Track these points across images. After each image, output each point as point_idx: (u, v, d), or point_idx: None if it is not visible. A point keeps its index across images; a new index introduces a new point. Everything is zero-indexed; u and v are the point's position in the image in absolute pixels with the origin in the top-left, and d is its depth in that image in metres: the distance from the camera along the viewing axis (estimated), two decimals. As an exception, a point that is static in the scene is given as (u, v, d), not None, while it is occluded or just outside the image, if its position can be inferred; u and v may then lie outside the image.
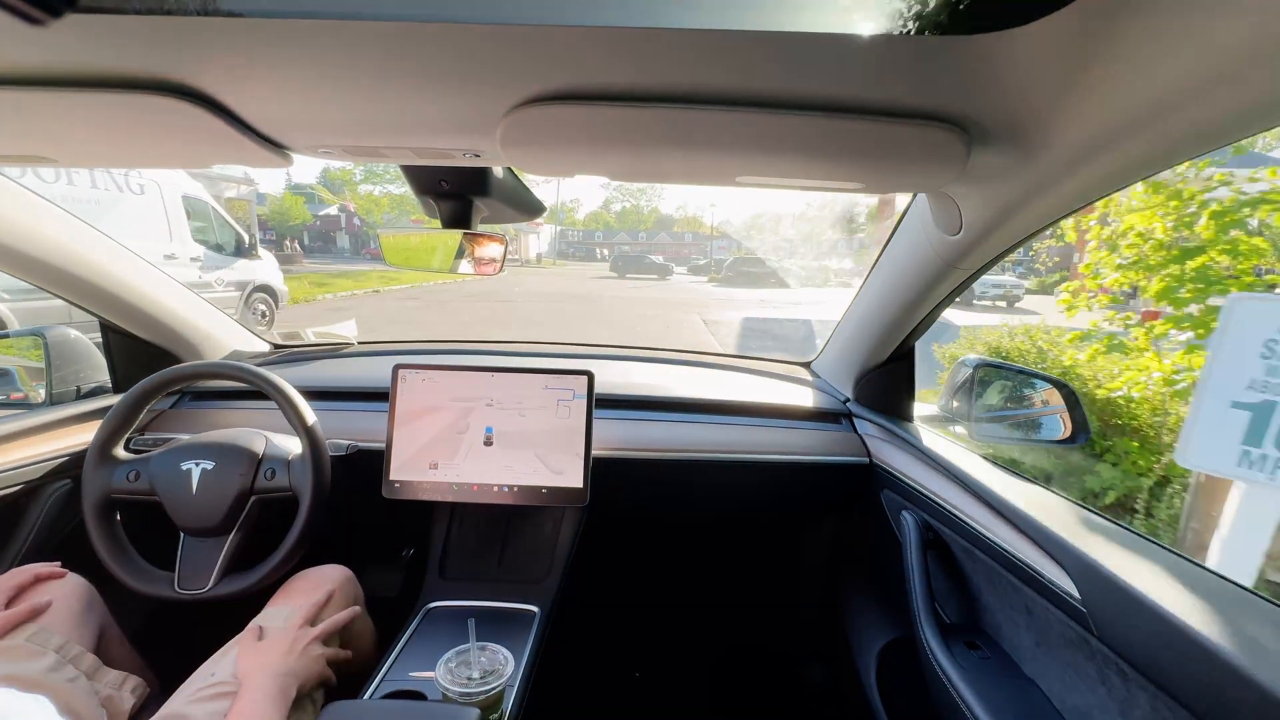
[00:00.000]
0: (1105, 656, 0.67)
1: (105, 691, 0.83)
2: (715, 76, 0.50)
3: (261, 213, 27.84)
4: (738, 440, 1.27)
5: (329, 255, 31.82)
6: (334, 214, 35.37)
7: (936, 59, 0.47)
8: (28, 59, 0.53)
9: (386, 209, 32.09)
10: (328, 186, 39.49)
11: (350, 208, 30.74)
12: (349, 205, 29.93)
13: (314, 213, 32.92)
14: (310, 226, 32.88)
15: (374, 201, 30.95)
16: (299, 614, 0.88)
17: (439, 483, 1.11)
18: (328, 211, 34.81)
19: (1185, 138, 0.51)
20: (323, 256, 30.02)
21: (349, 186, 30.13)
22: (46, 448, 1.11)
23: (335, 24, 0.44)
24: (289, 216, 28.52)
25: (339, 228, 36.62)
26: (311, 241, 32.72)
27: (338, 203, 34.72)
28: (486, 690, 0.82)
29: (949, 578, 1.02)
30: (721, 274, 25.21)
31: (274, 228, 28.57)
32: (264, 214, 27.89)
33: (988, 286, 15.19)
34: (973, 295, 14.26)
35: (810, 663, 1.56)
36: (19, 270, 1.06)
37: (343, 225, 35.93)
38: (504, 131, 0.59)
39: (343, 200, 34.38)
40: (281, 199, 28.81)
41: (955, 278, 0.93)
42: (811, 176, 0.70)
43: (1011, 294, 15.50)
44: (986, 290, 15.20)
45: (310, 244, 31.96)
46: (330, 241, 36.22)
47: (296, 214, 28.75)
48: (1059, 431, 1.06)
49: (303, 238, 28.71)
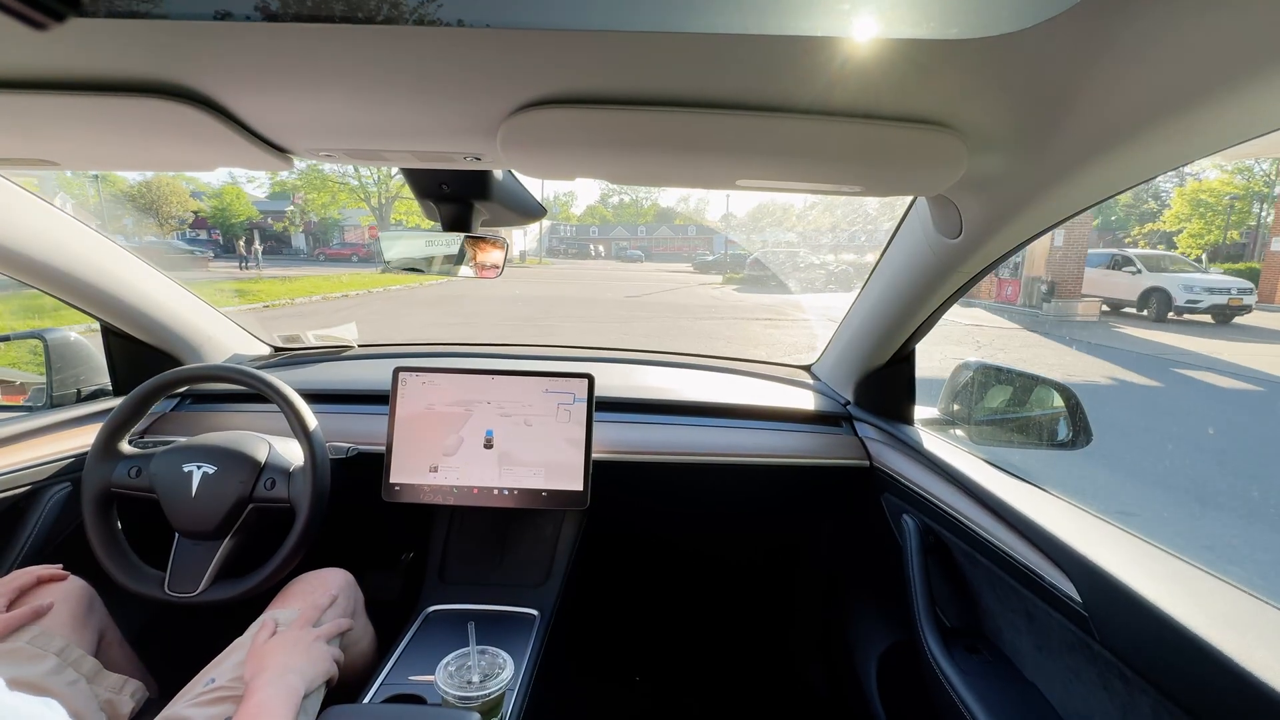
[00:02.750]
0: (1106, 660, 0.67)
1: (105, 695, 0.82)
2: (715, 81, 0.51)
3: (199, 209, 23.93)
4: (738, 443, 1.27)
5: (282, 258, 27.16)
6: (285, 209, 28.74)
7: (935, 63, 0.47)
8: (30, 63, 0.53)
9: (344, 203, 23.38)
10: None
11: (299, 200, 22.91)
12: (298, 199, 22.30)
13: (262, 209, 27.03)
14: (260, 224, 27.57)
15: (325, 186, 21.77)
16: (302, 616, 0.88)
17: (439, 486, 1.11)
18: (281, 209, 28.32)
19: (1185, 140, 0.51)
20: (273, 259, 25.14)
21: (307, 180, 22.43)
22: (47, 450, 1.11)
23: (337, 28, 0.44)
24: (230, 213, 24.12)
25: (292, 224, 30.48)
26: (262, 241, 25.98)
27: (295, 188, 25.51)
28: (486, 694, 0.81)
29: (950, 581, 1.02)
30: (744, 273, 20.01)
31: (216, 225, 24.47)
32: (202, 210, 24.04)
33: (1197, 291, 9.79)
34: (1168, 306, 10.03)
35: (810, 666, 1.55)
36: (20, 273, 1.06)
37: (297, 221, 29.34)
38: (505, 135, 0.59)
39: (297, 194, 25.26)
40: (221, 192, 24.11)
41: (955, 281, 0.93)
42: (811, 179, 0.70)
43: (1237, 303, 9.74)
44: (1198, 298, 9.75)
45: (260, 244, 25.27)
46: (284, 242, 31.27)
47: (239, 209, 24.23)
48: (1061, 435, 1.06)
49: (253, 236, 23.24)
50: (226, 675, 0.80)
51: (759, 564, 1.67)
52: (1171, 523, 1.16)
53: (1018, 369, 1.18)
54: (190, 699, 0.78)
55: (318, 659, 0.82)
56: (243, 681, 0.77)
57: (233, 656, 0.84)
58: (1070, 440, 1.05)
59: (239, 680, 0.79)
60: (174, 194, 22.98)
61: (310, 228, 27.84)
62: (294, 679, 0.76)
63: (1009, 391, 1.19)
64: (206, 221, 24.24)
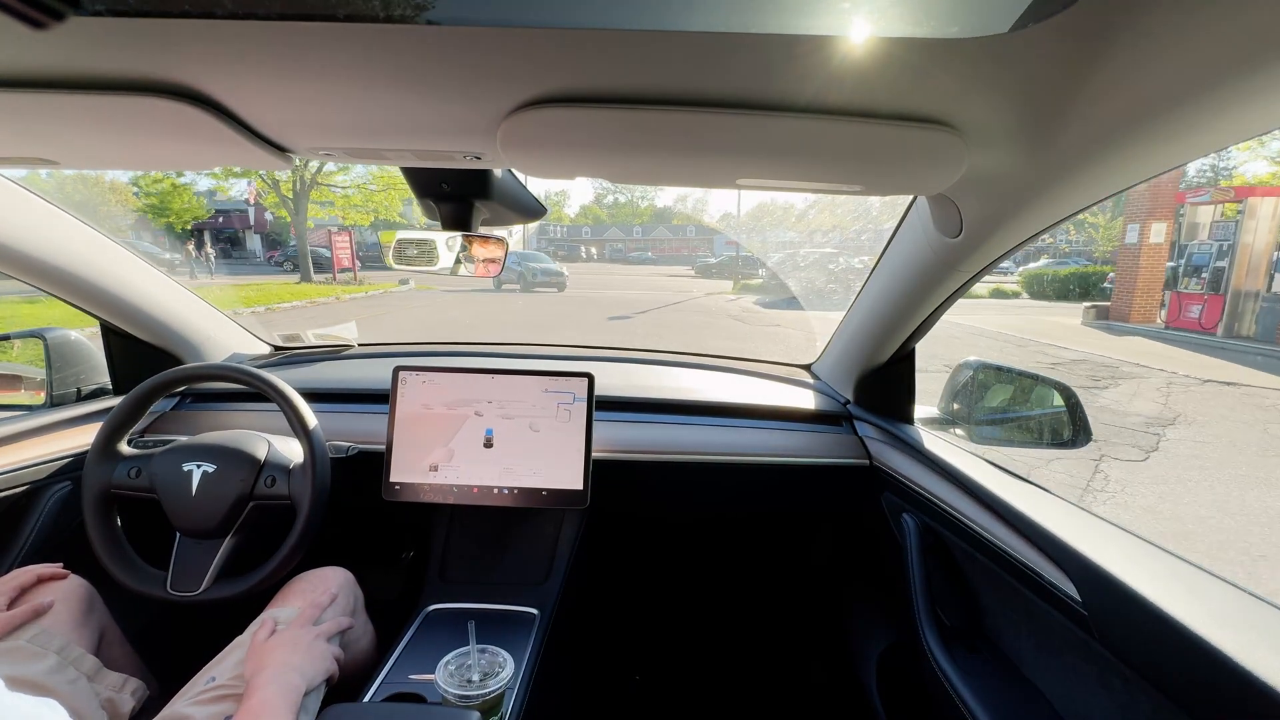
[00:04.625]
0: (1106, 659, 0.67)
1: (105, 694, 0.83)
2: (716, 79, 0.51)
3: (137, 206, 20.75)
4: (738, 442, 1.27)
5: (231, 260, 23.94)
6: (238, 208, 24.53)
7: (935, 62, 0.47)
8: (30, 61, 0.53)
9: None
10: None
11: (252, 196, 17.68)
12: (251, 192, 17.20)
13: (220, 208, 21.48)
14: (210, 223, 23.10)
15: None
16: (303, 614, 0.88)
17: (439, 485, 1.11)
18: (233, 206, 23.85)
19: (1185, 139, 0.51)
20: (223, 263, 22.30)
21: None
22: (47, 449, 1.11)
23: (337, 26, 0.44)
24: (171, 212, 19.75)
25: (246, 225, 27.10)
26: (212, 244, 23.00)
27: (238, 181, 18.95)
28: (486, 693, 0.81)
29: (950, 580, 1.02)
30: (759, 279, 17.22)
31: (161, 228, 20.39)
32: (140, 208, 20.56)
33: None
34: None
35: (811, 665, 1.56)
36: (20, 272, 1.06)
37: (251, 221, 25.65)
38: (505, 134, 0.59)
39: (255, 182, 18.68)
40: (162, 186, 19.18)
41: (955, 280, 0.93)
42: (811, 179, 0.70)
43: None
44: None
45: (213, 247, 22.28)
46: (237, 244, 27.76)
47: (181, 205, 19.70)
48: (1061, 434, 1.06)
49: (203, 239, 20.33)
50: (227, 673, 0.80)
51: (758, 563, 1.67)
52: None
53: (1018, 368, 1.18)
54: (191, 697, 0.78)
55: (318, 657, 0.82)
56: (243, 680, 0.77)
57: (233, 655, 0.84)
58: (1070, 439, 1.05)
59: (239, 678, 0.79)
60: (113, 191, 20.45)
61: (263, 228, 23.32)
62: (294, 677, 0.76)
63: (1009, 391, 1.19)
64: (148, 220, 20.62)
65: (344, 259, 17.86)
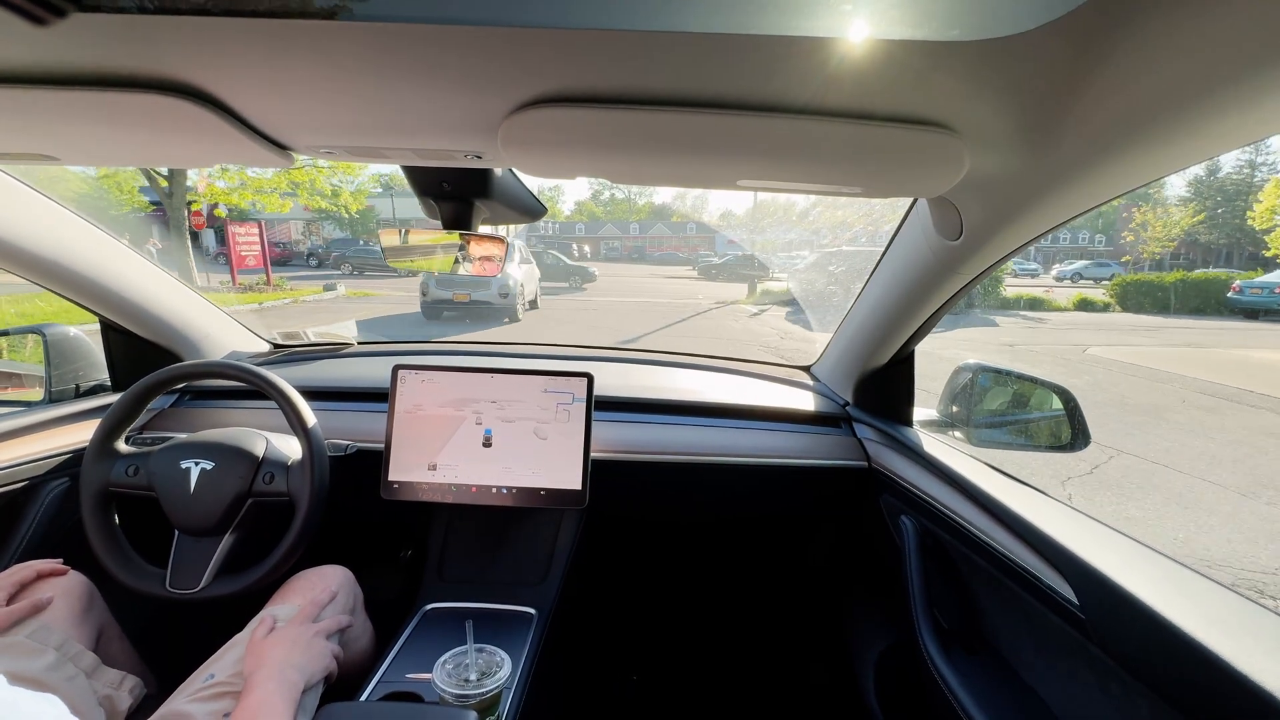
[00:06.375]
0: (1104, 663, 0.67)
1: (104, 690, 0.82)
2: (717, 80, 0.51)
3: (67, 195, 18.79)
4: (737, 443, 1.27)
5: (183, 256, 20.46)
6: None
7: (936, 65, 0.47)
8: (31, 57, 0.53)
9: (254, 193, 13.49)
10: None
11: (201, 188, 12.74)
12: (200, 188, 12.37)
13: (150, 198, 16.64)
14: (153, 215, 17.18)
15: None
16: (302, 612, 0.88)
17: (438, 484, 1.11)
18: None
19: (1186, 142, 0.51)
20: (166, 257, 16.80)
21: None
22: (45, 445, 1.11)
23: (339, 25, 0.44)
24: (107, 201, 14.83)
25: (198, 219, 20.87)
26: (160, 239, 16.68)
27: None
28: (483, 692, 0.81)
29: (948, 583, 1.02)
30: (782, 281, 13.69)
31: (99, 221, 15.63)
32: (70, 196, 18.11)
33: None
34: None
35: (808, 667, 1.56)
36: (18, 268, 1.06)
37: (205, 215, 19.15)
38: (506, 133, 0.59)
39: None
40: (98, 177, 14.24)
41: (955, 283, 0.93)
42: (811, 180, 0.70)
43: None
44: None
45: (160, 243, 16.49)
46: (194, 239, 22.89)
47: (116, 195, 14.86)
48: (1059, 437, 1.06)
49: (150, 232, 16.13)
50: (226, 671, 0.80)
51: (757, 564, 1.67)
52: None
53: (1017, 371, 1.19)
54: (189, 694, 0.78)
55: (317, 655, 0.82)
56: (242, 677, 0.77)
57: (232, 652, 0.84)
58: (1069, 443, 1.05)
59: (238, 676, 0.79)
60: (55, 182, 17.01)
61: (215, 223, 21.28)
62: (293, 674, 0.76)
63: (1008, 394, 1.19)
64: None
65: (248, 258, 13.26)
